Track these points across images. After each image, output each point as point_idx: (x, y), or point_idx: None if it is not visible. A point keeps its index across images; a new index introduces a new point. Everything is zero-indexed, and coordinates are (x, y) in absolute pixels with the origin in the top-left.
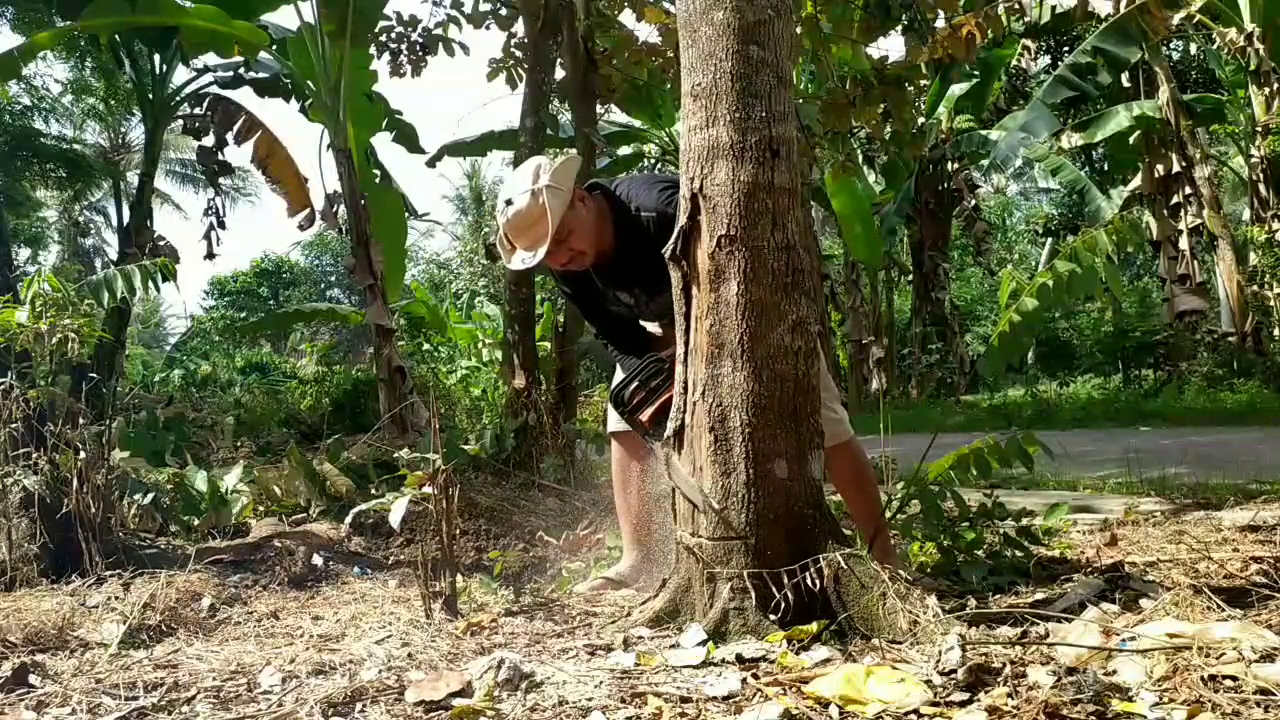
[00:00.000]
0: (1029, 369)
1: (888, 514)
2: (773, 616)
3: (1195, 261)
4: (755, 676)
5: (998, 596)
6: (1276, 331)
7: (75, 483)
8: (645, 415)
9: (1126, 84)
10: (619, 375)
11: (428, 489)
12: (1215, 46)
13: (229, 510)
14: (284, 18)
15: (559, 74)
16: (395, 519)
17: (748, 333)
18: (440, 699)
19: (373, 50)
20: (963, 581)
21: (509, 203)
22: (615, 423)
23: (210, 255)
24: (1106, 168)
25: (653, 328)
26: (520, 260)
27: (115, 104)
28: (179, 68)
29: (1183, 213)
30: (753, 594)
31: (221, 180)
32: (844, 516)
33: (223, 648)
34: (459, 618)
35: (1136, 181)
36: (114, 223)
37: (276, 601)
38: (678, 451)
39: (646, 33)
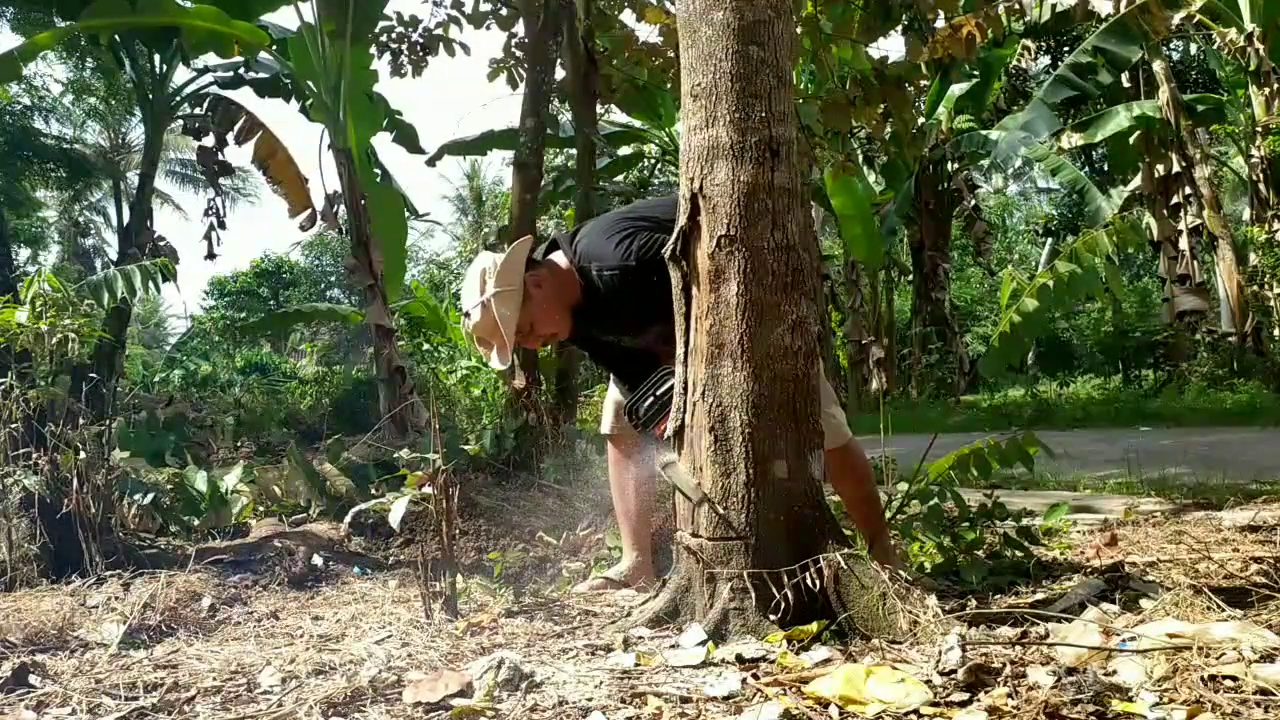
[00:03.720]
0: (1029, 369)
1: (888, 514)
2: (773, 617)
3: (1195, 261)
4: (755, 676)
5: (998, 596)
6: (1276, 331)
7: (75, 483)
8: (660, 429)
9: (1126, 84)
10: (613, 389)
11: (428, 489)
12: (1215, 46)
13: (229, 510)
14: (284, 18)
15: (559, 74)
16: (395, 519)
17: (748, 333)
18: (438, 700)
19: (373, 50)
20: (963, 581)
21: (467, 315)
22: (610, 425)
23: (210, 255)
24: (1106, 168)
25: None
26: (496, 363)
27: (115, 104)
28: (179, 68)
29: (1183, 213)
30: (753, 594)
31: (221, 180)
32: (844, 516)
33: (223, 648)
34: (459, 618)
35: (1136, 181)
36: (114, 223)
37: (276, 601)
38: (678, 451)
39: (646, 33)
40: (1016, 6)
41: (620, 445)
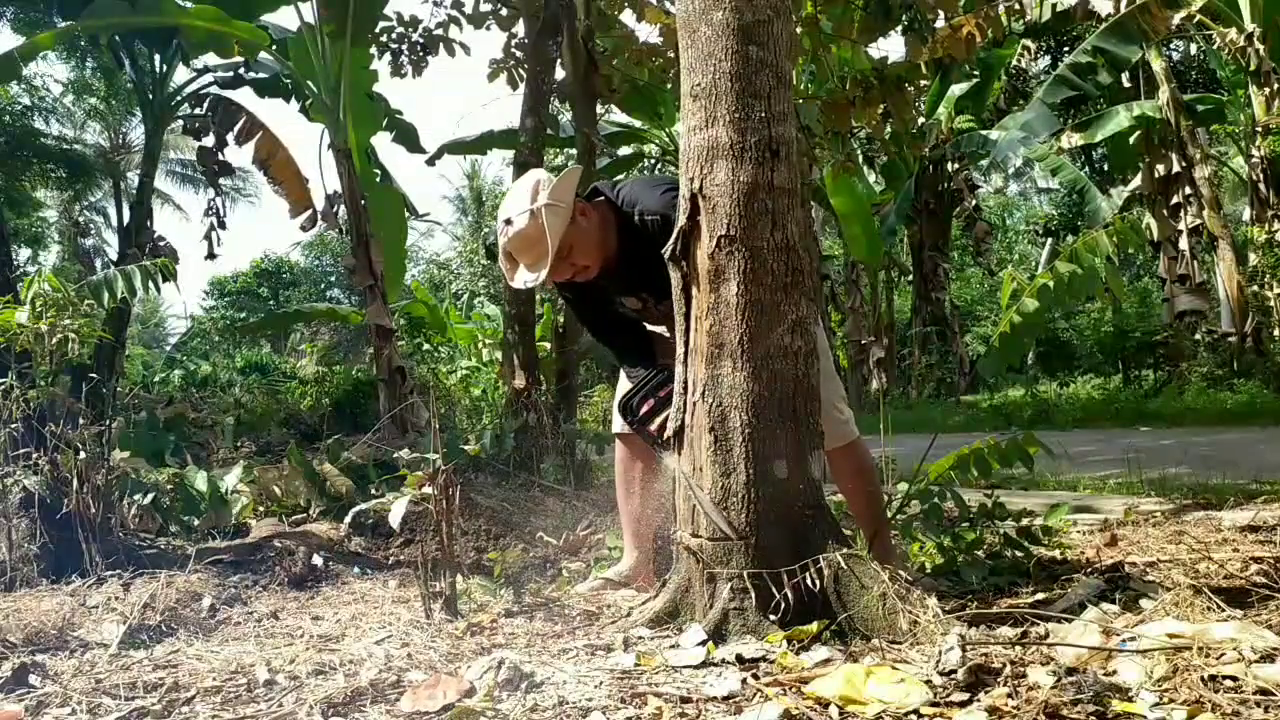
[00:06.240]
0: (1029, 369)
1: (888, 514)
2: (773, 617)
3: (1195, 261)
4: (755, 676)
5: (998, 597)
6: (1276, 331)
7: (75, 483)
8: (654, 425)
9: (1126, 84)
10: (624, 384)
11: (428, 489)
12: (1215, 46)
13: (229, 510)
14: (284, 18)
15: (559, 74)
16: (395, 519)
17: (748, 333)
18: (436, 709)
19: (373, 50)
20: (963, 582)
21: (508, 222)
22: (620, 424)
23: (210, 255)
24: (1106, 168)
25: (656, 329)
26: (523, 280)
27: (115, 104)
28: (179, 68)
29: (1183, 213)
30: (753, 594)
31: (221, 180)
32: (844, 516)
33: (223, 648)
34: (459, 618)
35: (1136, 181)
36: (114, 223)
37: (276, 601)
38: (677, 452)
39: (646, 33)
40: (1016, 6)
41: (630, 444)
